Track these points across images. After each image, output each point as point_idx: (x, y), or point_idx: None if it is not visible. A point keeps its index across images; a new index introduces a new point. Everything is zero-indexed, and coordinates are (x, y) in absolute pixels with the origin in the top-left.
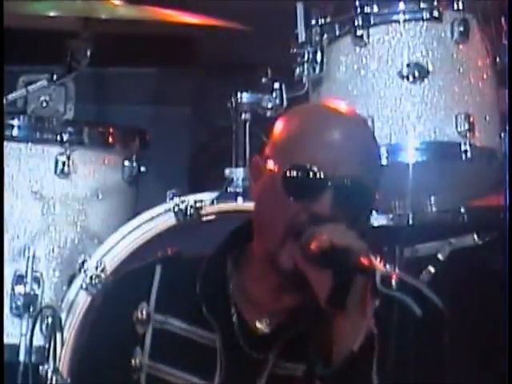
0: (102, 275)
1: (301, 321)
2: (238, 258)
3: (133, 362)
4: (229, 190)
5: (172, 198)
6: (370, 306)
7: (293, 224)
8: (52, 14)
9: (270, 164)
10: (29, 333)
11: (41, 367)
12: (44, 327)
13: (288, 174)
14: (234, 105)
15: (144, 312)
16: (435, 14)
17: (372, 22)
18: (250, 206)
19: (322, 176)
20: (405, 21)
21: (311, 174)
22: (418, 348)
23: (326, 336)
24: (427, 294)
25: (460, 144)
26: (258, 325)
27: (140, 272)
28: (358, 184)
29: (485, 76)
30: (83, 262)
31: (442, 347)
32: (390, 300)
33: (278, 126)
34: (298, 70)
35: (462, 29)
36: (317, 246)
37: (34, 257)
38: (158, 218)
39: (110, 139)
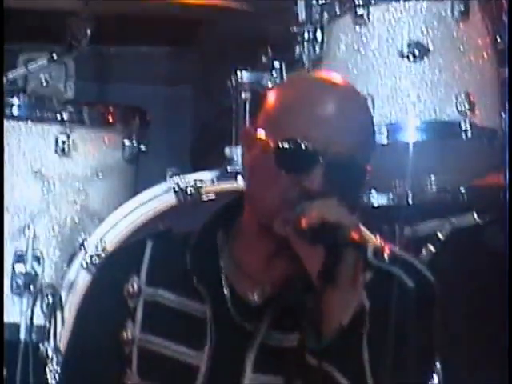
0: (103, 254)
1: (292, 293)
2: (229, 231)
3: (124, 335)
4: (229, 169)
5: (172, 177)
6: (361, 280)
7: (284, 197)
8: None
9: (262, 135)
10: (29, 311)
11: (41, 346)
12: (44, 306)
13: (280, 147)
14: (234, 84)
15: (135, 285)
16: None
17: (372, 0)
18: None
19: (314, 151)
20: None
21: (303, 148)
22: (408, 320)
23: (317, 310)
24: (418, 267)
25: (460, 123)
26: (250, 296)
27: (131, 247)
28: (349, 160)
29: (485, 55)
30: (83, 241)
31: (434, 319)
32: (382, 273)
33: (272, 97)
34: (298, 49)
35: (462, 7)
36: (307, 223)
37: (34, 236)
38: (159, 198)
39: (110, 118)
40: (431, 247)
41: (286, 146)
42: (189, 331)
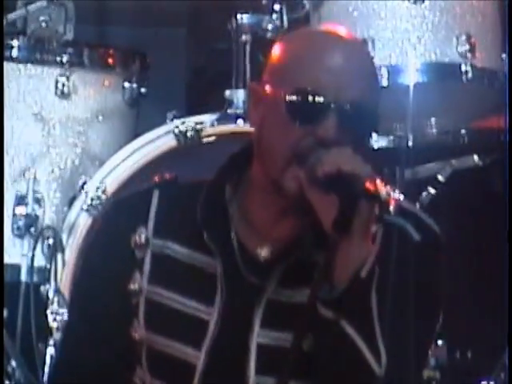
0: (103, 197)
1: (302, 247)
2: (238, 183)
3: (132, 286)
4: (229, 111)
5: (172, 120)
6: (374, 231)
7: (298, 149)
8: None
9: (271, 89)
10: (30, 253)
11: (42, 287)
12: (45, 248)
13: (291, 99)
14: (234, 26)
15: (142, 236)
16: None
17: None
18: (249, 128)
19: (326, 99)
20: None
21: (315, 97)
22: (415, 273)
23: (329, 260)
24: (424, 219)
25: (461, 65)
26: (259, 251)
27: (137, 197)
28: (361, 106)
29: None
30: (84, 184)
31: (440, 271)
32: (388, 225)
33: (277, 51)
34: None
35: None
36: (323, 171)
37: (34, 178)
38: (159, 140)
39: (110, 61)
40: (431, 190)
41: (298, 97)
42: (198, 285)
